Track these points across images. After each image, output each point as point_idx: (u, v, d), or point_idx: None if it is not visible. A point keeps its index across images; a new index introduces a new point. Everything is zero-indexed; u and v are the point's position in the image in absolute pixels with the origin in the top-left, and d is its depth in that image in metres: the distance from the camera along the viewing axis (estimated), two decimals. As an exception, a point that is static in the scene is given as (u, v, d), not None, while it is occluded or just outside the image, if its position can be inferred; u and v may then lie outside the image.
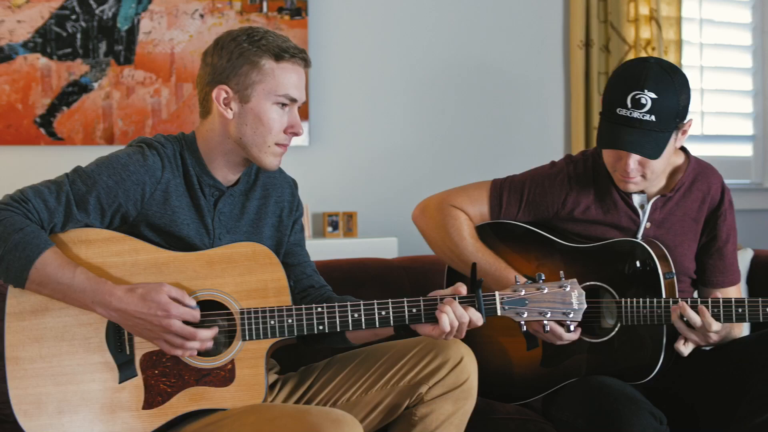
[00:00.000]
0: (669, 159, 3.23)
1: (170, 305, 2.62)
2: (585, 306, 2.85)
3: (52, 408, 2.68)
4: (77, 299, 2.66)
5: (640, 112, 3.08)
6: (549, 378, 3.31)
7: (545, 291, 2.81)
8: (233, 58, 2.78)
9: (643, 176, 3.20)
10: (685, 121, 3.20)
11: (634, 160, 3.14)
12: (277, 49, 2.78)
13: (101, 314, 2.66)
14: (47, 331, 2.69)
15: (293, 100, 2.82)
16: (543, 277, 2.83)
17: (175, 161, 2.84)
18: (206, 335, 2.68)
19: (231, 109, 2.80)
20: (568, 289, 2.83)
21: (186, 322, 2.66)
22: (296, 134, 2.86)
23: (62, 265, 2.64)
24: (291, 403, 2.97)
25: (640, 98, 3.09)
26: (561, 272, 2.89)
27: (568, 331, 3.09)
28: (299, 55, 2.81)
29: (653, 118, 3.08)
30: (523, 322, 2.84)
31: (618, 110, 3.11)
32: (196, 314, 2.66)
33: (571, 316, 2.83)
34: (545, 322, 2.84)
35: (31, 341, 2.69)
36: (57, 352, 2.69)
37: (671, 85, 3.12)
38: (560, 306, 2.82)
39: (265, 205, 3.00)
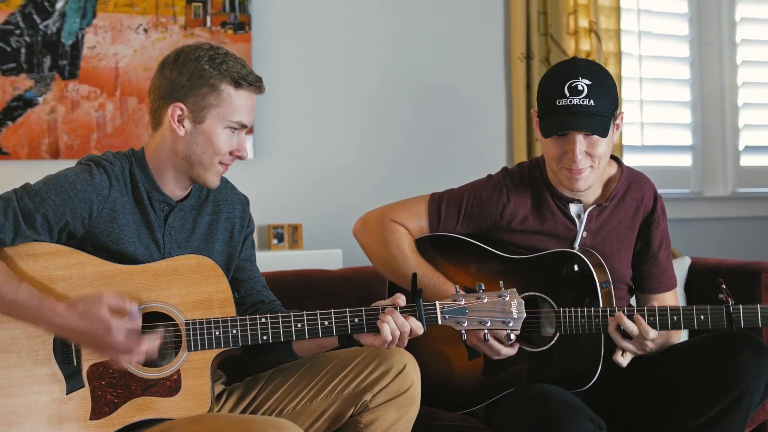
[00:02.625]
0: (611, 149, 3.29)
1: (110, 321, 2.65)
2: (524, 315, 2.90)
3: (-1, 420, 2.70)
4: (20, 315, 2.69)
5: (580, 98, 3.15)
6: (491, 387, 3.35)
7: (485, 300, 2.86)
8: (193, 78, 2.81)
9: (592, 167, 3.24)
10: (618, 112, 3.28)
11: (580, 146, 3.19)
12: (237, 76, 2.83)
13: (45, 330, 2.70)
14: (-6, 343, 2.72)
15: (243, 126, 2.88)
16: (483, 287, 2.89)
17: (123, 179, 2.87)
18: (151, 344, 2.70)
19: (183, 127, 2.85)
20: (507, 298, 2.88)
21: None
22: (241, 158, 2.91)
23: (6, 280, 2.67)
24: (237, 413, 2.99)
25: (576, 85, 3.16)
26: (500, 282, 2.93)
27: (507, 343, 3.14)
28: (256, 83, 2.88)
29: (592, 102, 3.15)
30: (463, 332, 2.89)
31: (557, 101, 3.18)
32: (137, 324, 2.68)
33: (510, 324, 2.88)
34: (485, 331, 2.89)
35: (-22, 354, 2.70)
36: (4, 364, 2.72)
37: (601, 72, 3.22)
38: (500, 315, 2.87)
39: (216, 221, 3.04)
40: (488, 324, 2.87)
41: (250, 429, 2.59)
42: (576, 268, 3.26)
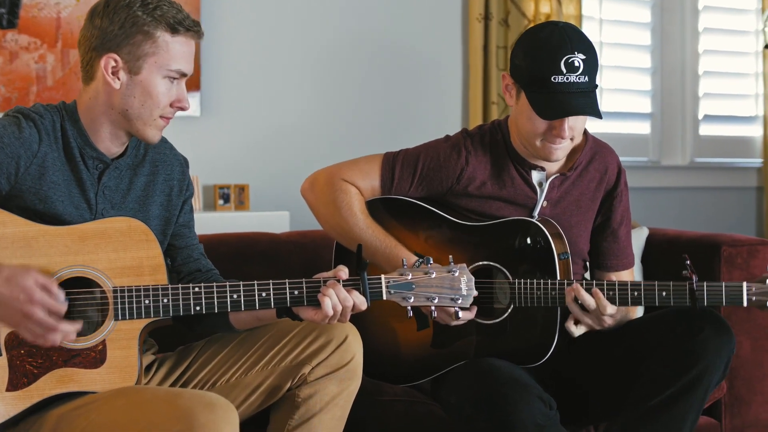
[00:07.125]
0: None
1: (34, 291, 2.46)
2: (474, 292, 2.80)
3: None
4: None
5: (576, 75, 3.06)
6: (439, 359, 3.25)
7: (433, 275, 2.75)
8: (126, 26, 2.65)
9: (572, 139, 3.16)
10: None
11: (569, 123, 3.10)
12: (173, 21, 2.67)
13: None
14: None
15: (183, 75, 2.73)
16: (431, 261, 2.78)
17: (54, 133, 2.71)
18: (69, 329, 2.52)
19: (119, 79, 2.69)
20: (456, 274, 2.77)
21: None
22: (183, 108, 2.76)
23: None
24: (167, 384, 2.88)
25: (573, 61, 3.06)
26: (450, 257, 2.83)
27: (455, 320, 3.04)
28: (194, 28, 2.72)
29: (586, 78, 3.07)
30: (409, 308, 2.77)
31: (553, 78, 3.06)
32: (62, 308, 2.51)
33: (459, 302, 2.77)
34: (433, 308, 2.78)
35: None
36: None
37: (588, 42, 3.13)
38: (448, 291, 2.76)
39: (153, 182, 2.89)
40: (436, 301, 2.76)
41: (178, 403, 2.46)
42: (533, 237, 3.15)
